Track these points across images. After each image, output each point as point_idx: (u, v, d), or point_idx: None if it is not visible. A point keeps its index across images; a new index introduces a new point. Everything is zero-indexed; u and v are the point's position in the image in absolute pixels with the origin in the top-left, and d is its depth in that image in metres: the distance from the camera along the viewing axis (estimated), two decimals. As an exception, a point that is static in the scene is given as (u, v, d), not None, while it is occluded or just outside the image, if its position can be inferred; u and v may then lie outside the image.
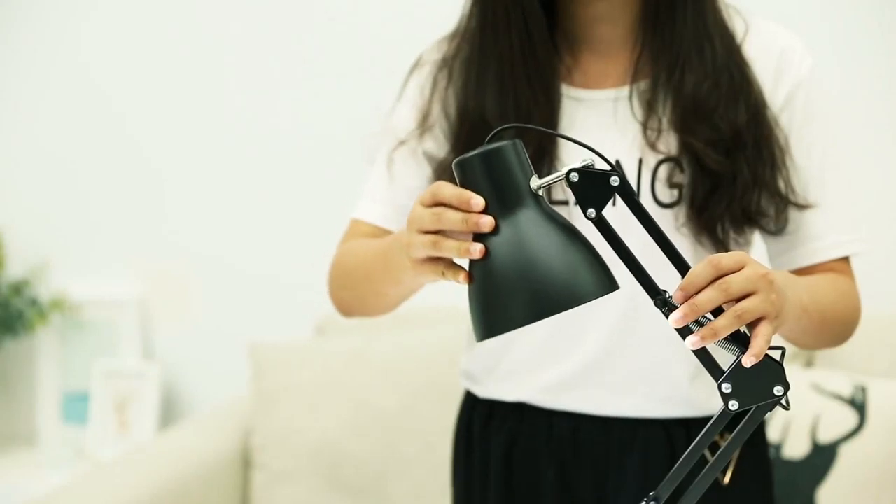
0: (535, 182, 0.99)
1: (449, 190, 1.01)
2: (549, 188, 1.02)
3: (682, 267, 0.99)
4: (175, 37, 2.85)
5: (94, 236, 2.90)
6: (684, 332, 0.97)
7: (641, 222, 0.99)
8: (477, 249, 0.98)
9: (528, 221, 0.97)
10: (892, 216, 2.52)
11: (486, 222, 0.98)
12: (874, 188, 2.51)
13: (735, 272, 0.98)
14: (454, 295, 1.56)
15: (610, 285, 0.97)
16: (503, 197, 0.98)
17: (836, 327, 1.32)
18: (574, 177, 0.98)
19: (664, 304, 0.98)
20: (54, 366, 2.85)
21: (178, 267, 2.88)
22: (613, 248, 0.98)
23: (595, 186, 0.97)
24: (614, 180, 0.97)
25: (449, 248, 1.02)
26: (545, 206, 0.99)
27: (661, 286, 0.99)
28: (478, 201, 0.98)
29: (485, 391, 1.46)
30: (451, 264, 1.05)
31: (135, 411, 2.79)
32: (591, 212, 0.98)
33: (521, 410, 1.43)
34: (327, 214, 2.83)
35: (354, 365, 2.45)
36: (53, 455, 2.79)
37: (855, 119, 2.47)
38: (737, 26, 1.36)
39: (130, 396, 2.80)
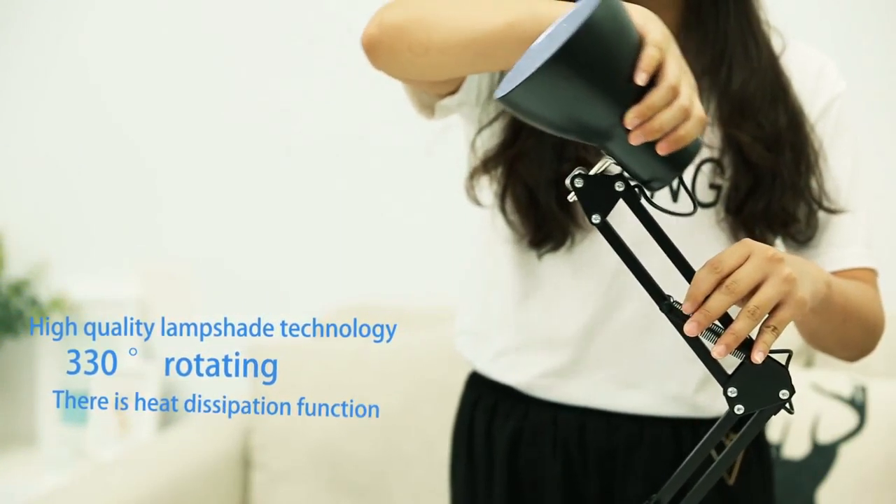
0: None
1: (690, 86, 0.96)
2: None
3: (689, 274, 0.99)
4: (175, 37, 2.85)
5: (94, 236, 2.90)
6: (695, 342, 0.97)
7: (647, 228, 0.99)
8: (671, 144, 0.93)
9: None
10: (891, 217, 2.52)
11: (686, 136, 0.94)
12: (874, 188, 2.51)
13: (740, 266, 0.98)
14: (455, 295, 1.56)
15: None
16: None
17: (859, 324, 1.29)
18: (578, 182, 0.97)
19: (670, 309, 0.98)
20: (54, 366, 2.85)
21: (178, 267, 2.88)
22: (619, 254, 0.98)
23: (600, 192, 0.96)
24: (619, 185, 0.97)
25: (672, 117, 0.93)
26: None
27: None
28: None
29: (487, 363, 1.45)
30: None
31: (135, 411, 2.80)
32: (596, 217, 0.97)
33: (526, 405, 1.42)
34: (327, 215, 2.84)
35: (354, 365, 2.45)
36: (53, 455, 2.79)
37: (856, 119, 2.47)
38: (774, 41, 1.38)
39: (130, 396, 2.80)
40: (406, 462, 2.39)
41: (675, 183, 1.33)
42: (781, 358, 0.98)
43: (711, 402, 1.38)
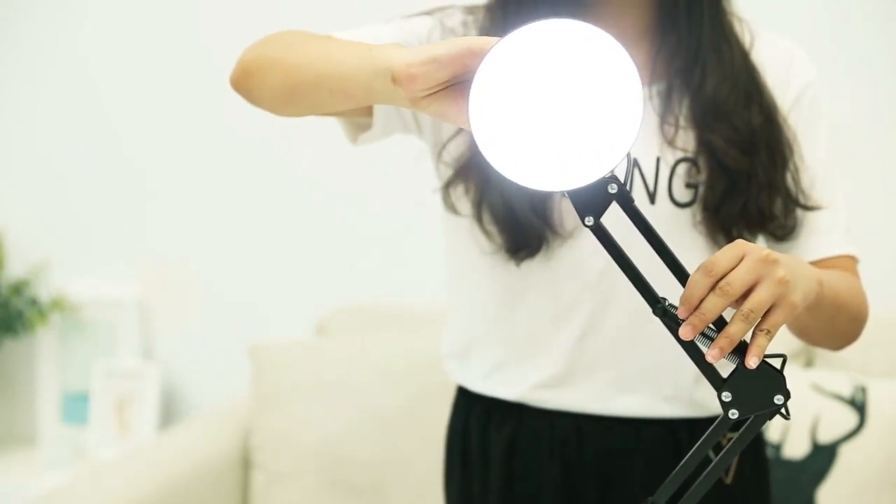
0: None
1: None
2: None
3: (682, 276, 0.98)
4: (174, 38, 2.85)
5: (94, 236, 2.90)
6: (690, 346, 0.97)
7: (640, 230, 0.97)
8: None
9: None
10: (891, 216, 2.52)
11: None
12: (874, 188, 2.51)
13: (734, 268, 0.97)
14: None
15: None
16: None
17: (848, 317, 1.30)
18: None
19: (664, 312, 0.97)
20: (54, 366, 2.85)
21: (178, 267, 2.88)
22: (612, 257, 0.96)
23: (593, 194, 0.95)
24: (612, 188, 0.95)
25: None
26: None
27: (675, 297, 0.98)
28: None
29: (478, 382, 1.44)
30: None
31: (135, 411, 2.79)
32: (590, 219, 0.95)
33: (521, 411, 1.42)
34: (326, 214, 2.83)
35: (354, 365, 2.45)
36: (53, 455, 2.79)
37: (856, 119, 2.47)
38: (743, 35, 1.37)
39: (130, 396, 2.80)
40: (406, 462, 2.39)
41: (650, 185, 1.33)
42: (776, 362, 0.97)
43: (710, 398, 1.38)
